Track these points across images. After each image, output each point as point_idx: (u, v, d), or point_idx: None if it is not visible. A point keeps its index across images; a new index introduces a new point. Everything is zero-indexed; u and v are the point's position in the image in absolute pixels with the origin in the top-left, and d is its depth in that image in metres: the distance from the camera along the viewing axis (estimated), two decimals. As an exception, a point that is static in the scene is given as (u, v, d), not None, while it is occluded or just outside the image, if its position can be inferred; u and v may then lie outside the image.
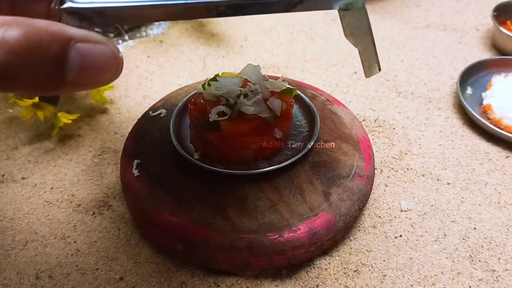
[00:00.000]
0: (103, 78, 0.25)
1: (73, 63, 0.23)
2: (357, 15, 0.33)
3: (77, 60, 0.23)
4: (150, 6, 0.28)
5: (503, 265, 0.45)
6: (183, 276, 0.44)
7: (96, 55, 0.24)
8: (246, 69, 0.49)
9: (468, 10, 0.90)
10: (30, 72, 0.22)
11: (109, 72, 0.25)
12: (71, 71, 0.23)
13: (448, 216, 0.50)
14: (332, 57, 0.75)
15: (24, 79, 0.22)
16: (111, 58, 0.25)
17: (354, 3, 0.32)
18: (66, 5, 0.26)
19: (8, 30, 0.21)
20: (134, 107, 0.64)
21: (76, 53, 0.23)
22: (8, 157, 0.57)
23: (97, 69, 0.24)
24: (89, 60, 0.24)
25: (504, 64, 0.69)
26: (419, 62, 0.74)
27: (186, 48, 0.77)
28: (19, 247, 0.47)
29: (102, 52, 0.24)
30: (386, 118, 0.63)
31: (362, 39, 0.34)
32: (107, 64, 0.25)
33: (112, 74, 0.25)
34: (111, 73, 0.25)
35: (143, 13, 0.28)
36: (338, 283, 0.43)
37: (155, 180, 0.46)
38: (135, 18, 0.29)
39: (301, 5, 0.30)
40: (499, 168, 0.55)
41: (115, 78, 0.26)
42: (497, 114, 0.60)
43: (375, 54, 0.35)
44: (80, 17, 0.26)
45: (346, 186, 0.46)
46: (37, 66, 0.22)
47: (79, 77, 0.23)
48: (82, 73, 0.23)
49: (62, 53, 0.22)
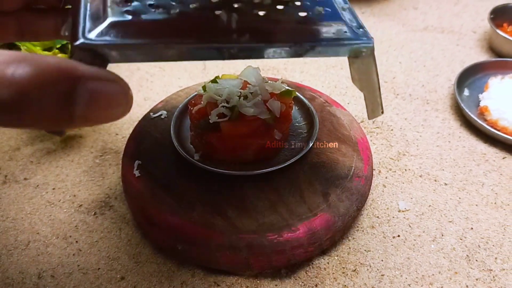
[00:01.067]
0: (112, 114, 0.25)
1: (82, 100, 0.22)
2: (366, 62, 0.33)
3: (86, 97, 0.22)
4: (164, 46, 0.27)
5: (500, 264, 0.45)
6: (183, 276, 0.44)
7: (106, 93, 0.24)
8: (246, 71, 0.49)
9: (465, 12, 0.90)
10: (38, 109, 0.21)
11: (119, 108, 0.25)
12: (80, 108, 0.22)
13: (445, 216, 0.50)
14: (331, 59, 0.75)
15: (32, 116, 0.21)
16: (121, 95, 0.24)
17: (364, 50, 0.32)
18: (79, 41, 0.25)
19: (18, 68, 0.21)
20: (135, 109, 0.64)
21: (85, 91, 0.22)
22: (10, 158, 0.57)
23: (107, 106, 0.24)
24: (98, 97, 0.23)
25: (500, 66, 0.69)
26: (417, 64, 0.74)
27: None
28: (22, 247, 0.47)
29: (112, 89, 0.24)
30: (384, 119, 0.63)
31: (369, 84, 0.35)
32: (116, 101, 0.24)
33: (121, 111, 0.25)
34: (121, 109, 0.25)
35: (156, 52, 0.28)
36: (336, 282, 0.43)
37: (156, 181, 0.46)
38: (147, 56, 0.28)
39: (312, 52, 0.30)
40: (496, 169, 0.56)
41: (125, 114, 0.25)
42: (494, 115, 0.60)
43: (379, 98, 0.35)
44: (93, 54, 0.26)
45: (344, 187, 0.46)
46: (46, 103, 0.21)
47: (88, 113, 0.23)
48: (91, 110, 0.23)
49: (71, 91, 0.22)
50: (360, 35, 0.32)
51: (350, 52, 0.32)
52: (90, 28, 0.26)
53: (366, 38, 0.31)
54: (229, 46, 0.28)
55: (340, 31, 0.31)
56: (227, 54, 0.28)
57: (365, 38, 0.31)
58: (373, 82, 0.34)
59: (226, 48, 0.28)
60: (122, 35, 0.26)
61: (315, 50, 0.30)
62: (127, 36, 0.26)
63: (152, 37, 0.27)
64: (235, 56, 0.29)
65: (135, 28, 0.27)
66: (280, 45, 0.29)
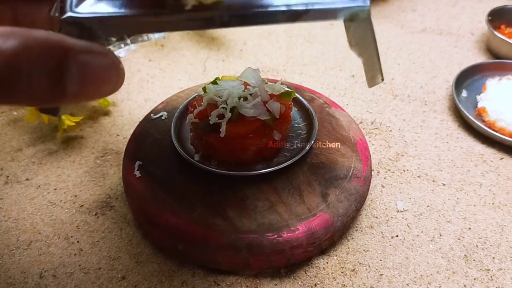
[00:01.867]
0: (104, 89, 0.24)
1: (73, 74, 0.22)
2: (362, 25, 0.32)
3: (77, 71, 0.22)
4: (152, 15, 0.27)
5: (497, 264, 0.45)
6: (184, 275, 0.44)
7: (97, 66, 0.23)
8: (245, 73, 0.49)
9: (463, 14, 0.90)
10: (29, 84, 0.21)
11: (110, 83, 0.24)
12: (71, 83, 0.22)
13: (443, 217, 0.50)
14: (330, 61, 0.76)
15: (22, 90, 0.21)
16: (112, 69, 0.24)
17: (360, 13, 0.31)
18: (66, 15, 0.25)
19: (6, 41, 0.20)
20: (136, 110, 0.65)
21: (76, 64, 0.22)
22: (12, 159, 0.57)
23: (98, 80, 0.23)
24: (89, 71, 0.23)
25: (498, 68, 0.69)
26: (415, 66, 0.75)
27: (187, 52, 0.78)
28: (23, 246, 0.47)
29: (103, 63, 0.23)
30: (383, 120, 0.63)
31: (367, 49, 0.34)
32: (107, 75, 0.24)
33: (113, 85, 0.25)
34: (112, 84, 0.24)
35: (144, 22, 0.27)
36: (336, 282, 0.44)
37: (157, 181, 0.47)
38: (136, 27, 0.27)
39: (306, 15, 0.30)
40: (493, 170, 0.56)
41: (117, 89, 0.25)
42: (492, 116, 0.60)
43: (379, 64, 0.35)
44: (80, 27, 0.25)
45: (343, 187, 0.46)
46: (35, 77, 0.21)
47: (80, 88, 0.22)
48: (83, 84, 0.23)
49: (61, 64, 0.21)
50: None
51: (346, 15, 0.31)
52: (77, 3, 0.26)
53: (362, 0, 0.31)
54: (220, 14, 0.28)
55: None
56: (218, 22, 0.28)
57: (361, 0, 0.31)
58: (371, 47, 0.33)
59: (217, 15, 0.28)
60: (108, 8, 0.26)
61: (308, 14, 0.30)
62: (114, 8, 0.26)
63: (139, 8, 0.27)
64: (227, 24, 0.28)
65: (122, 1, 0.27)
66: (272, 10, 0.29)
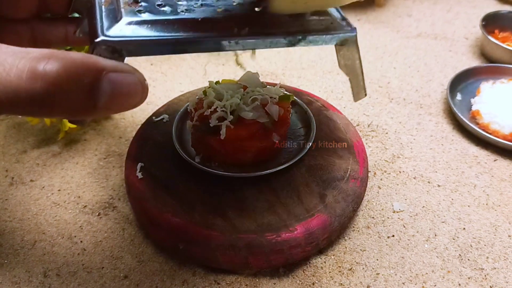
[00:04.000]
0: (130, 103, 0.26)
1: (105, 91, 0.24)
2: (351, 49, 0.36)
3: (108, 88, 0.24)
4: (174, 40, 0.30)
5: (491, 263, 0.45)
6: (185, 275, 0.44)
7: (125, 83, 0.25)
8: (245, 76, 0.49)
9: (457, 19, 0.91)
10: (67, 100, 0.23)
11: (136, 97, 0.27)
12: (103, 98, 0.24)
13: (438, 217, 0.50)
14: (328, 65, 0.76)
15: (61, 106, 0.23)
16: (138, 85, 0.26)
17: (349, 39, 0.36)
18: (100, 38, 0.27)
19: (48, 64, 0.22)
20: (138, 113, 0.65)
21: (108, 82, 0.24)
22: (17, 161, 0.57)
23: (126, 95, 0.26)
24: (119, 88, 0.25)
25: (492, 72, 0.69)
26: (410, 70, 0.75)
27: (187, 56, 0.78)
28: (28, 246, 0.47)
29: (131, 80, 0.26)
30: (379, 123, 0.63)
31: (353, 69, 0.38)
32: (134, 91, 0.26)
33: (138, 99, 0.27)
34: (138, 98, 0.27)
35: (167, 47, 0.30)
36: (333, 281, 0.44)
37: (158, 183, 0.47)
38: (159, 51, 0.30)
39: (303, 42, 0.34)
40: (487, 171, 0.56)
41: (141, 102, 0.27)
42: (486, 119, 0.60)
43: (363, 82, 0.39)
44: (112, 49, 0.28)
45: (341, 188, 0.46)
46: (73, 94, 0.23)
47: (110, 103, 0.25)
48: (113, 100, 0.25)
49: (95, 83, 0.24)
50: (344, 26, 0.35)
51: (337, 41, 0.36)
52: (108, 26, 0.28)
53: (350, 28, 0.35)
54: (231, 39, 0.31)
55: (327, 23, 0.35)
56: (229, 47, 0.31)
57: (349, 28, 0.35)
58: (357, 67, 0.38)
59: (229, 40, 0.31)
60: (136, 32, 0.29)
61: (306, 40, 0.34)
62: (141, 33, 0.29)
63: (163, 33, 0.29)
64: (236, 48, 0.32)
65: (147, 25, 0.29)
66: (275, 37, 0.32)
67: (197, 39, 0.30)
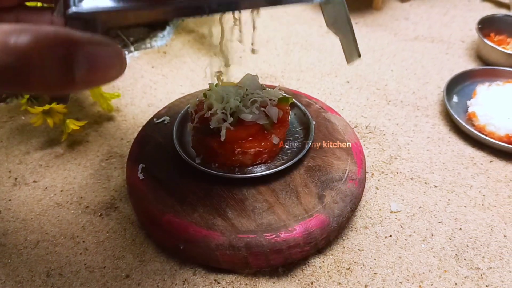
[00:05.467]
0: (109, 75, 0.26)
1: (81, 64, 0.23)
2: (337, 7, 0.34)
3: (84, 60, 0.23)
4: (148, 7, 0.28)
5: (487, 263, 0.45)
6: (185, 274, 0.44)
7: (102, 55, 0.25)
8: (245, 79, 0.49)
9: (454, 23, 0.91)
10: (41, 74, 0.22)
11: (114, 69, 0.26)
12: (80, 71, 0.23)
13: (435, 217, 0.50)
14: (326, 67, 0.76)
15: (36, 80, 0.23)
16: (115, 56, 0.25)
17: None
18: (70, 10, 0.27)
19: (19, 36, 0.22)
20: (139, 115, 0.65)
21: (83, 55, 0.23)
22: (20, 162, 0.57)
23: (104, 67, 0.25)
24: (95, 59, 0.24)
25: (488, 74, 0.69)
26: (408, 72, 0.75)
27: (188, 59, 0.78)
28: (31, 246, 0.47)
29: (107, 52, 0.25)
30: (377, 124, 0.63)
31: (342, 28, 0.35)
32: (112, 62, 0.25)
33: (117, 71, 0.26)
34: (116, 70, 0.26)
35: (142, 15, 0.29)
36: (331, 280, 0.44)
37: (159, 183, 0.47)
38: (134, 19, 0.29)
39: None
40: (483, 172, 0.56)
41: (120, 74, 0.26)
42: (482, 121, 0.60)
43: (354, 42, 0.36)
44: (84, 22, 0.27)
45: (339, 189, 0.46)
46: (47, 68, 0.22)
47: (88, 75, 0.24)
48: (90, 72, 0.24)
49: (70, 55, 0.23)
50: None
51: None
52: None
53: None
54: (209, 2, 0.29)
55: None
56: (207, 10, 0.30)
57: None
58: (346, 26, 0.35)
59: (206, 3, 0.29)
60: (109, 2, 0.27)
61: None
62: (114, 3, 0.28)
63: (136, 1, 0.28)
64: (215, 11, 0.30)
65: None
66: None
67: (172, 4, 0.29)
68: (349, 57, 0.37)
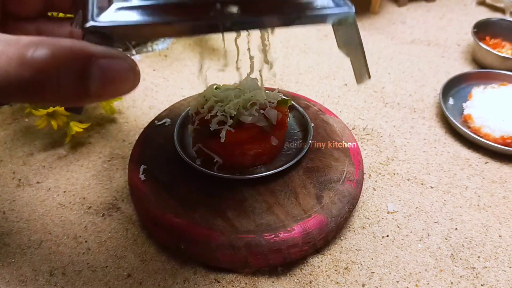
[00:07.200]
0: (122, 88, 0.26)
1: (96, 77, 0.23)
2: (349, 29, 0.33)
3: (98, 74, 0.24)
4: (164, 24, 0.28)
5: (482, 263, 0.45)
6: (186, 273, 0.44)
7: (116, 69, 0.25)
8: (244, 81, 0.49)
9: (450, 26, 0.91)
10: (57, 86, 0.23)
11: (128, 83, 0.26)
12: (94, 85, 0.23)
13: (431, 218, 0.50)
14: (324, 70, 0.76)
15: (51, 93, 0.23)
16: (129, 70, 0.26)
17: (346, 19, 0.32)
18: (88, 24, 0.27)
19: (36, 50, 0.22)
20: (141, 117, 0.65)
21: (98, 68, 0.23)
22: (24, 163, 0.57)
23: (117, 81, 0.25)
24: (109, 73, 0.24)
25: (483, 77, 0.69)
26: (404, 75, 0.75)
27: (189, 62, 0.78)
28: (35, 246, 0.47)
29: (121, 65, 0.25)
30: (374, 126, 0.63)
31: (353, 50, 0.35)
32: (126, 75, 0.25)
33: (130, 85, 0.26)
34: (130, 83, 0.26)
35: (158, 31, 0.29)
36: (329, 279, 0.44)
37: (160, 184, 0.47)
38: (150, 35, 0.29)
39: (298, 21, 0.31)
40: (478, 173, 0.56)
41: (134, 88, 0.26)
42: (477, 123, 0.60)
43: (365, 63, 0.36)
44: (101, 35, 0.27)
45: (337, 190, 0.46)
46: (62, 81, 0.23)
47: (102, 88, 0.24)
48: (104, 85, 0.24)
49: (85, 69, 0.23)
50: (341, 5, 0.32)
51: (334, 20, 0.32)
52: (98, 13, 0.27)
53: (348, 7, 0.32)
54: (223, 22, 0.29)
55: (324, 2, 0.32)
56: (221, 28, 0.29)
57: (347, 7, 0.32)
58: (357, 48, 0.35)
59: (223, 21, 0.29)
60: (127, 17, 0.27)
61: (301, 20, 0.31)
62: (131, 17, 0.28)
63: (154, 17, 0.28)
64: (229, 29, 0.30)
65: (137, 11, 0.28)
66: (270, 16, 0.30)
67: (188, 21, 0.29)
68: (359, 78, 0.37)
